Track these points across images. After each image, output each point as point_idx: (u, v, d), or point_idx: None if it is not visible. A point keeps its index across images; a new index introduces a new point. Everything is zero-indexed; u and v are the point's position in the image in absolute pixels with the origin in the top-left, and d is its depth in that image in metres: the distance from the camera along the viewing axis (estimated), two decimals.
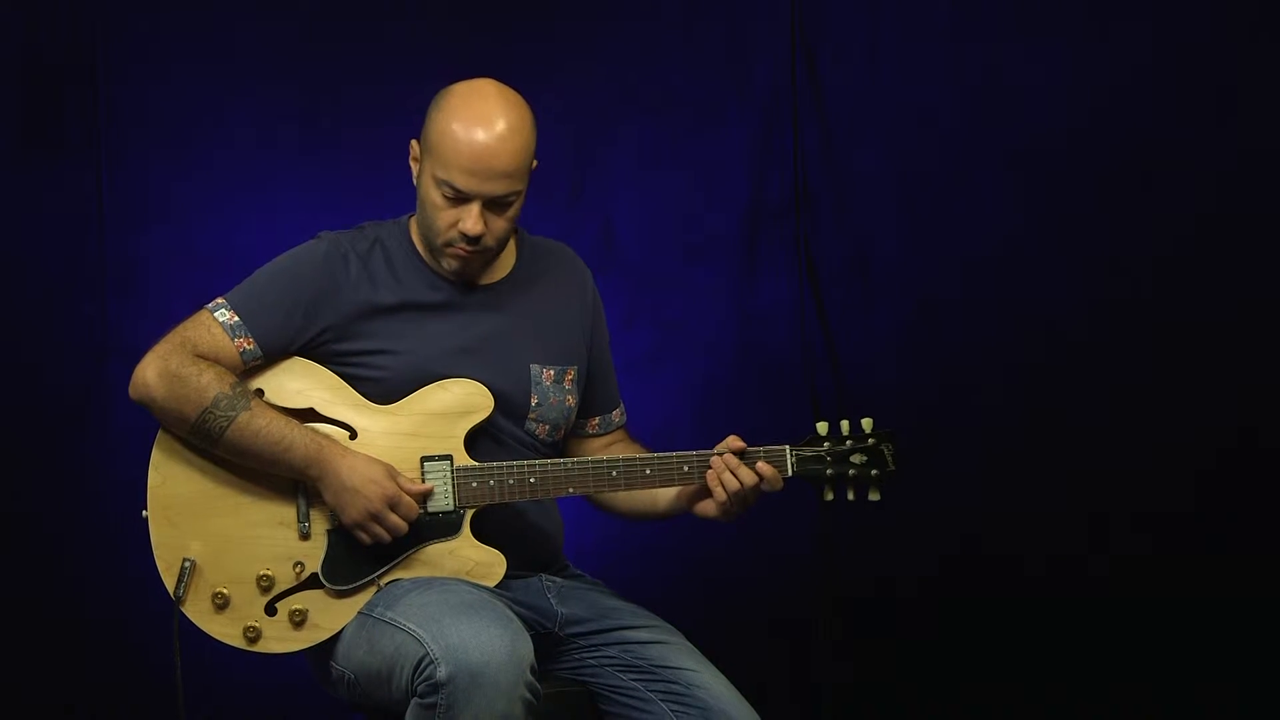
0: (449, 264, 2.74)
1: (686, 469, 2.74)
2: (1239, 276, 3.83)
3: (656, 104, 4.01)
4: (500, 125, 2.67)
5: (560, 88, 3.85)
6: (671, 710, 2.69)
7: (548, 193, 3.62)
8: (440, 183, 2.68)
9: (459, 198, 2.68)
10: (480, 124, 2.66)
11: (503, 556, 2.71)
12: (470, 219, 2.68)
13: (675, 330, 4.01)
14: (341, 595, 2.69)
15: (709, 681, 2.71)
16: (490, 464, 2.72)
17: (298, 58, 3.90)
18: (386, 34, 3.92)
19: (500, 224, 2.71)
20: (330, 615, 2.69)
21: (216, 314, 2.69)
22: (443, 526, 2.70)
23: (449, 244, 2.71)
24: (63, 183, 3.80)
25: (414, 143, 2.76)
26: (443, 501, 2.70)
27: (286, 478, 2.68)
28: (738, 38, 4.02)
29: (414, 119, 2.78)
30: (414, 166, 2.77)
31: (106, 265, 3.81)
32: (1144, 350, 3.87)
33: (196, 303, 2.74)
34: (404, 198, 2.88)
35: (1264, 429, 3.81)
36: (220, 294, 2.72)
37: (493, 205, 2.69)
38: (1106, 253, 3.88)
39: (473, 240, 2.69)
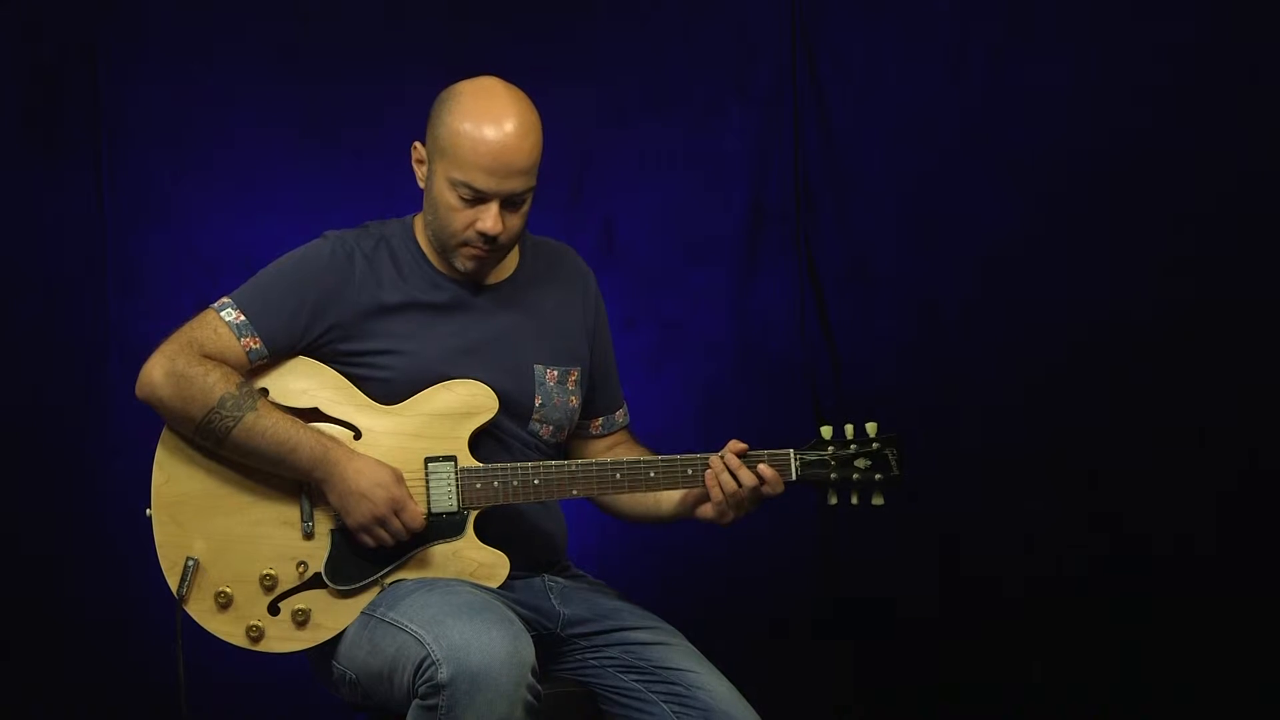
0: (465, 265, 2.74)
1: (690, 472, 2.73)
2: (1239, 276, 3.83)
3: (657, 104, 4.01)
4: (514, 123, 2.67)
5: (561, 88, 3.83)
6: (673, 711, 2.69)
7: (548, 193, 3.60)
8: (457, 184, 2.67)
9: (477, 198, 2.68)
10: (494, 123, 2.66)
11: (506, 558, 2.71)
12: (489, 219, 2.68)
13: (676, 331, 4.00)
14: (344, 595, 2.69)
15: (710, 683, 2.71)
16: (494, 465, 2.72)
17: (298, 58, 3.89)
18: (386, 34, 3.91)
19: (515, 221, 2.72)
20: (333, 615, 2.69)
21: (222, 313, 2.69)
22: (446, 527, 2.70)
23: (465, 244, 2.71)
24: (63, 183, 3.79)
25: (418, 145, 2.75)
26: (446, 503, 2.70)
27: (291, 478, 2.68)
28: (738, 38, 4.02)
29: (414, 119, 2.77)
30: (418, 170, 2.76)
31: (107, 265, 3.80)
32: (1144, 350, 3.87)
33: (197, 302, 2.74)
34: (405, 198, 2.88)
35: (1264, 428, 3.81)
36: (224, 293, 2.72)
37: (508, 203, 2.69)
38: (1107, 253, 3.88)
39: (490, 240, 2.69)
